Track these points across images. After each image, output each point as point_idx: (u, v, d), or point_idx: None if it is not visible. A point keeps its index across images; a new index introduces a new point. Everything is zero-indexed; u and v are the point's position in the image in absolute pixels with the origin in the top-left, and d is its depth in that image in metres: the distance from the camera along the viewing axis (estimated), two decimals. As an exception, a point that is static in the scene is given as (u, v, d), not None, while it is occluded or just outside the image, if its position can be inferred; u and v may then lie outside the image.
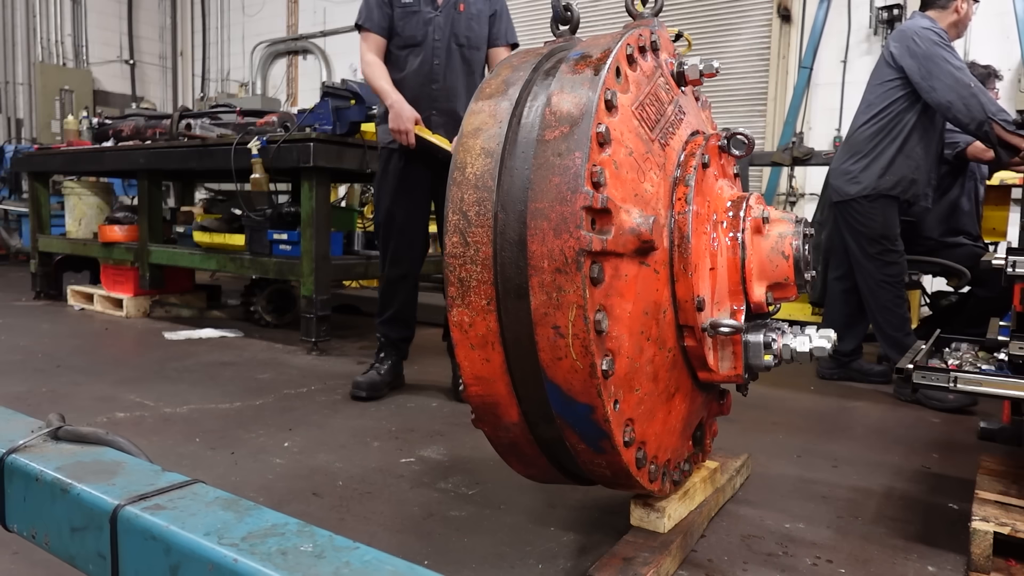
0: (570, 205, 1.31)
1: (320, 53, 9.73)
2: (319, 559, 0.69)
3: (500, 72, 1.59)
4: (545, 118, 1.40)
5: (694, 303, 1.50)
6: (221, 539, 0.72)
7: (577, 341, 1.31)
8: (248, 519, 0.77)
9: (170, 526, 0.74)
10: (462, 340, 1.44)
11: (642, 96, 1.52)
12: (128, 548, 0.78)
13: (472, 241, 1.41)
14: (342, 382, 3.34)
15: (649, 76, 1.58)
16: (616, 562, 1.55)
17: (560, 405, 1.40)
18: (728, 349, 1.62)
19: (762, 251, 1.65)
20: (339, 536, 0.74)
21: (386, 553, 0.70)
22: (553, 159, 1.35)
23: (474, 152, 1.46)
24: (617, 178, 1.38)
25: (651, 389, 1.50)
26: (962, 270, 3.75)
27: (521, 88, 1.52)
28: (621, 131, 1.42)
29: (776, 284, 1.66)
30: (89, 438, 0.98)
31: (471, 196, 1.42)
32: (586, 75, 1.42)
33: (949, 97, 3.22)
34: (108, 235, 5.12)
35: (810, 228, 1.71)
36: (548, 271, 1.32)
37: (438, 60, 3.08)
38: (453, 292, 1.42)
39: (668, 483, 1.67)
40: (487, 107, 1.51)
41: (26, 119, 9.93)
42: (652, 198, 1.48)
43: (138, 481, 0.85)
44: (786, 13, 6.51)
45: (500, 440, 1.58)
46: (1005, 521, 1.68)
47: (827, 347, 1.63)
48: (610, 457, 1.45)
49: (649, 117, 1.53)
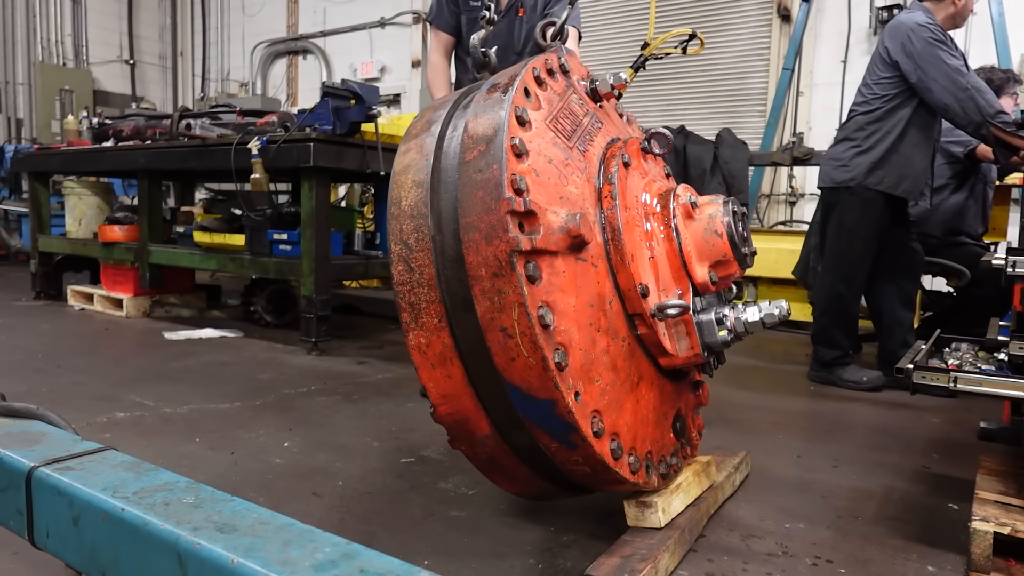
0: (496, 213, 1.38)
1: (320, 53, 9.73)
2: (196, 508, 0.79)
3: (423, 115, 1.69)
4: (464, 142, 1.49)
5: (637, 290, 1.56)
6: (115, 493, 0.83)
7: (525, 338, 1.36)
8: (145, 478, 0.88)
9: (73, 483, 0.85)
10: (423, 362, 1.50)
11: (555, 111, 1.62)
12: (40, 504, 0.89)
13: (416, 266, 1.48)
14: (342, 382, 3.34)
15: (560, 94, 1.67)
16: (614, 560, 1.55)
17: (524, 406, 1.44)
18: (682, 331, 1.66)
19: (697, 233, 1.71)
20: (221, 491, 0.84)
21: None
22: (475, 175, 1.43)
23: (406, 186, 1.54)
24: (539, 184, 1.45)
25: (612, 379, 1.53)
26: (962, 270, 3.75)
27: (442, 123, 1.61)
28: (537, 143, 1.50)
29: (717, 263, 1.71)
30: (21, 412, 1.10)
31: (408, 225, 1.50)
32: (496, 98, 1.52)
33: (946, 100, 3.18)
34: (108, 235, 5.12)
35: (739, 206, 1.77)
36: (487, 278, 1.38)
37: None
38: (407, 317, 1.49)
39: (655, 476, 1.69)
40: (414, 145, 1.60)
41: (26, 119, 9.93)
42: (578, 199, 1.55)
43: (56, 448, 0.96)
44: (786, 13, 6.51)
45: (479, 457, 1.62)
46: (1005, 521, 1.68)
47: (776, 313, 1.68)
48: (583, 451, 1.47)
49: (564, 128, 1.62)
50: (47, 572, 1.60)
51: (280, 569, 0.67)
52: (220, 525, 0.75)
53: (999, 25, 5.42)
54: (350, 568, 0.67)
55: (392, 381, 3.44)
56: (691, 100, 7.04)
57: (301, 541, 0.72)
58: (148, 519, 0.76)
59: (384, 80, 9.10)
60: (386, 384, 3.38)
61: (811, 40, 6.37)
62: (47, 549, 0.89)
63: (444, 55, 3.07)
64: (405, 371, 3.63)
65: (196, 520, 0.76)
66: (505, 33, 3.00)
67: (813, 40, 6.38)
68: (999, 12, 5.43)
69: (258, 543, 0.71)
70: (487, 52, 1.89)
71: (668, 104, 7.13)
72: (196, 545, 0.71)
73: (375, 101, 3.90)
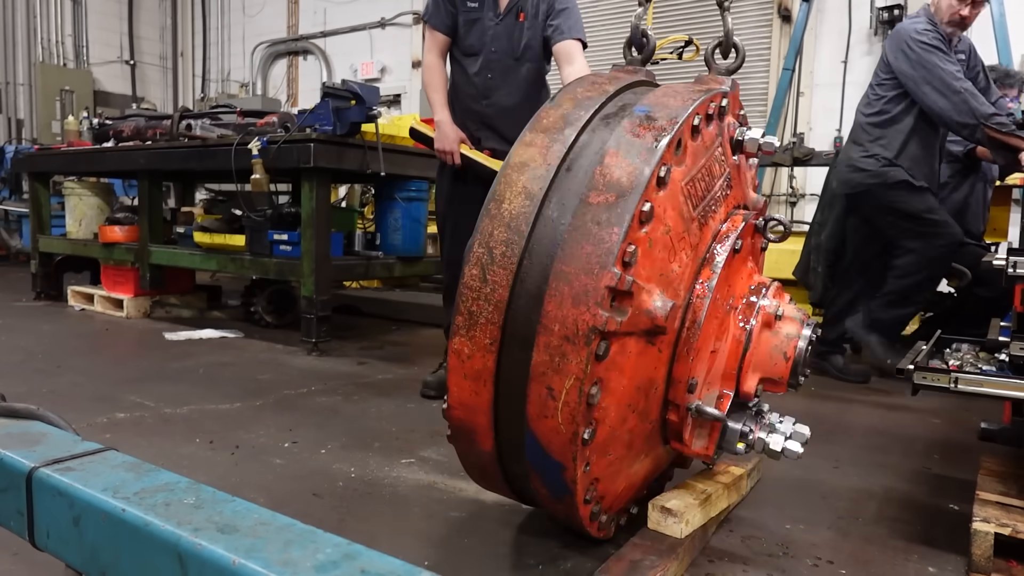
0: (595, 279, 1.30)
1: (320, 53, 9.74)
2: (196, 509, 0.79)
3: (562, 103, 1.55)
4: (594, 178, 1.37)
5: (687, 385, 1.52)
6: (116, 494, 0.82)
7: (567, 408, 1.33)
8: (145, 479, 0.87)
9: (74, 484, 0.85)
10: (457, 368, 1.45)
11: (695, 171, 1.49)
12: (40, 505, 0.89)
13: (491, 279, 1.40)
14: (343, 383, 3.34)
15: (708, 147, 1.54)
16: (623, 564, 1.55)
17: (535, 456, 1.44)
18: (705, 430, 1.62)
19: (766, 346, 1.64)
20: (221, 492, 0.84)
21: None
22: (591, 226, 1.33)
23: (515, 188, 1.43)
24: (648, 257, 1.37)
25: (623, 454, 1.53)
26: (963, 270, 3.74)
27: (579, 130, 1.48)
28: (665, 207, 1.39)
29: (770, 380, 1.66)
30: (22, 413, 1.09)
31: (501, 234, 1.40)
32: (645, 142, 1.38)
33: (940, 104, 3.25)
34: (108, 236, 5.12)
35: (817, 332, 1.69)
36: (557, 335, 1.32)
37: (491, 74, 2.99)
38: (460, 321, 1.42)
39: (614, 526, 1.72)
40: (539, 141, 1.47)
41: (27, 119, 9.93)
42: (676, 279, 1.46)
43: (57, 448, 0.96)
44: (786, 13, 6.51)
45: (470, 461, 1.63)
46: (1006, 522, 1.68)
47: (798, 451, 1.63)
48: (568, 506, 1.50)
49: (696, 193, 1.50)
50: (47, 573, 1.60)
51: (281, 570, 0.66)
52: (221, 526, 0.75)
53: (1000, 25, 5.42)
54: (351, 568, 0.67)
55: (392, 382, 3.44)
56: (691, 101, 7.04)
57: (302, 542, 0.72)
58: (149, 520, 0.76)
59: (384, 80, 9.11)
60: (386, 385, 3.38)
61: (811, 40, 6.37)
62: (48, 550, 0.89)
63: (440, 55, 3.03)
64: (405, 372, 3.63)
65: (197, 521, 0.76)
66: (504, 36, 2.97)
67: (813, 40, 6.38)
68: (1000, 12, 5.43)
69: (259, 544, 0.71)
70: (647, 32, 1.74)
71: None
72: (197, 546, 0.71)
73: (375, 101, 3.90)
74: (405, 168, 4.25)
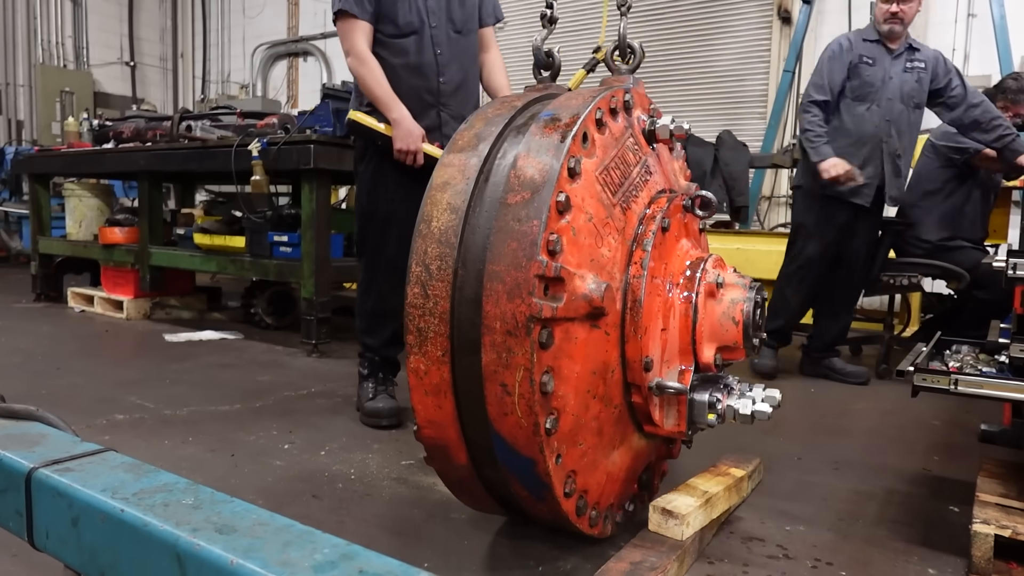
0: (524, 272, 1.35)
1: (320, 55, 9.74)
2: (195, 509, 0.79)
3: (474, 124, 1.63)
4: (510, 181, 1.44)
5: (642, 364, 1.55)
6: (115, 495, 0.82)
7: (523, 400, 1.36)
8: (144, 479, 0.88)
9: (73, 484, 0.85)
10: (417, 386, 1.50)
11: (608, 160, 1.56)
12: (39, 505, 0.89)
13: (432, 294, 1.46)
14: (342, 384, 3.34)
15: (618, 138, 1.61)
16: (623, 566, 1.55)
17: (505, 456, 1.46)
18: (673, 407, 1.65)
19: (714, 315, 1.67)
20: (220, 493, 0.84)
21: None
22: (513, 224, 1.39)
23: (440, 206, 1.50)
24: (574, 244, 1.42)
25: (595, 443, 1.54)
26: (961, 273, 3.74)
27: (491, 144, 1.56)
28: (583, 197, 1.45)
29: (725, 347, 1.69)
30: (21, 414, 1.09)
31: (434, 250, 1.47)
32: (552, 140, 1.46)
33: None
34: (108, 237, 5.12)
35: (761, 294, 1.74)
36: (500, 332, 1.37)
37: (439, 50, 2.71)
38: (412, 340, 1.48)
39: (610, 525, 1.71)
40: (457, 161, 1.55)
41: (27, 121, 9.93)
42: (608, 262, 1.51)
43: (56, 449, 0.96)
44: (786, 15, 6.51)
45: (449, 477, 1.65)
46: (1006, 524, 1.68)
47: (768, 412, 1.65)
48: (551, 505, 1.50)
49: (613, 181, 1.56)
50: (46, 573, 1.60)
51: (280, 570, 0.66)
52: (219, 526, 0.75)
53: (1000, 26, 5.42)
54: (349, 569, 0.67)
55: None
56: (691, 102, 7.04)
57: (300, 542, 0.72)
58: (148, 520, 0.76)
59: (384, 82, 9.10)
60: (386, 386, 3.37)
61: (812, 42, 6.36)
62: (47, 550, 0.89)
63: (369, 45, 2.68)
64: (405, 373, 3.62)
65: (195, 521, 0.76)
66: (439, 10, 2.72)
67: (814, 42, 6.38)
68: (1000, 14, 5.44)
69: (257, 544, 0.71)
70: (551, 53, 1.77)
71: (668, 106, 7.12)
72: (196, 546, 0.71)
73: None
74: (405, 169, 4.25)
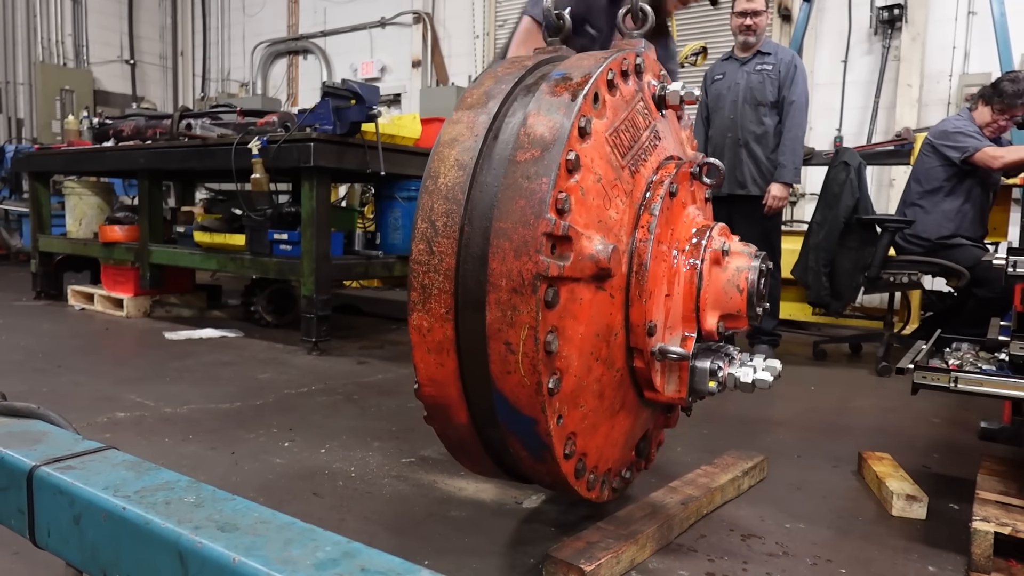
0: (532, 229, 1.34)
1: (320, 53, 9.73)
2: (197, 507, 0.79)
3: (483, 82, 1.61)
4: (519, 139, 1.43)
5: (645, 328, 1.54)
6: (116, 492, 0.82)
7: (526, 359, 1.36)
8: (146, 477, 0.88)
9: (75, 482, 0.85)
10: (419, 343, 1.49)
11: (618, 122, 1.55)
12: (41, 503, 0.89)
13: (437, 251, 1.44)
14: (343, 382, 3.34)
15: (628, 101, 1.60)
16: (579, 544, 1.59)
17: (506, 415, 1.45)
18: (675, 373, 1.64)
19: (718, 282, 1.66)
20: (222, 491, 0.84)
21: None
22: (521, 181, 1.38)
23: (448, 163, 1.49)
24: (582, 204, 1.41)
25: (596, 405, 1.54)
26: (961, 270, 3.75)
27: (501, 102, 1.54)
28: (592, 157, 1.44)
29: (728, 315, 1.68)
30: (22, 412, 1.09)
31: (440, 206, 1.46)
32: (563, 99, 1.45)
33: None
34: (108, 235, 5.12)
35: (767, 263, 1.72)
36: (505, 289, 1.36)
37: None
38: (415, 297, 1.47)
39: (607, 490, 1.72)
40: (465, 118, 1.53)
41: (27, 119, 9.92)
42: (616, 224, 1.51)
43: (57, 447, 0.96)
44: (787, 13, 6.50)
45: (449, 438, 1.64)
46: (1006, 521, 1.68)
47: (769, 380, 1.64)
48: (550, 466, 1.50)
49: (622, 143, 1.56)
50: (48, 571, 1.60)
51: (281, 567, 0.66)
52: (221, 524, 0.75)
53: (1000, 24, 5.41)
54: (351, 566, 0.67)
55: (393, 381, 3.44)
56: (691, 100, 7.03)
57: (302, 540, 0.72)
58: (149, 518, 0.77)
59: (384, 80, 9.10)
60: (387, 384, 3.38)
61: (812, 40, 6.36)
62: (48, 548, 0.89)
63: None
64: (406, 371, 3.63)
65: (197, 519, 0.76)
66: None
67: (814, 40, 6.38)
68: (1000, 12, 5.43)
69: (259, 542, 0.71)
70: (562, 15, 1.76)
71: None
72: (197, 544, 0.71)
73: (375, 101, 3.90)
74: (405, 167, 4.26)
